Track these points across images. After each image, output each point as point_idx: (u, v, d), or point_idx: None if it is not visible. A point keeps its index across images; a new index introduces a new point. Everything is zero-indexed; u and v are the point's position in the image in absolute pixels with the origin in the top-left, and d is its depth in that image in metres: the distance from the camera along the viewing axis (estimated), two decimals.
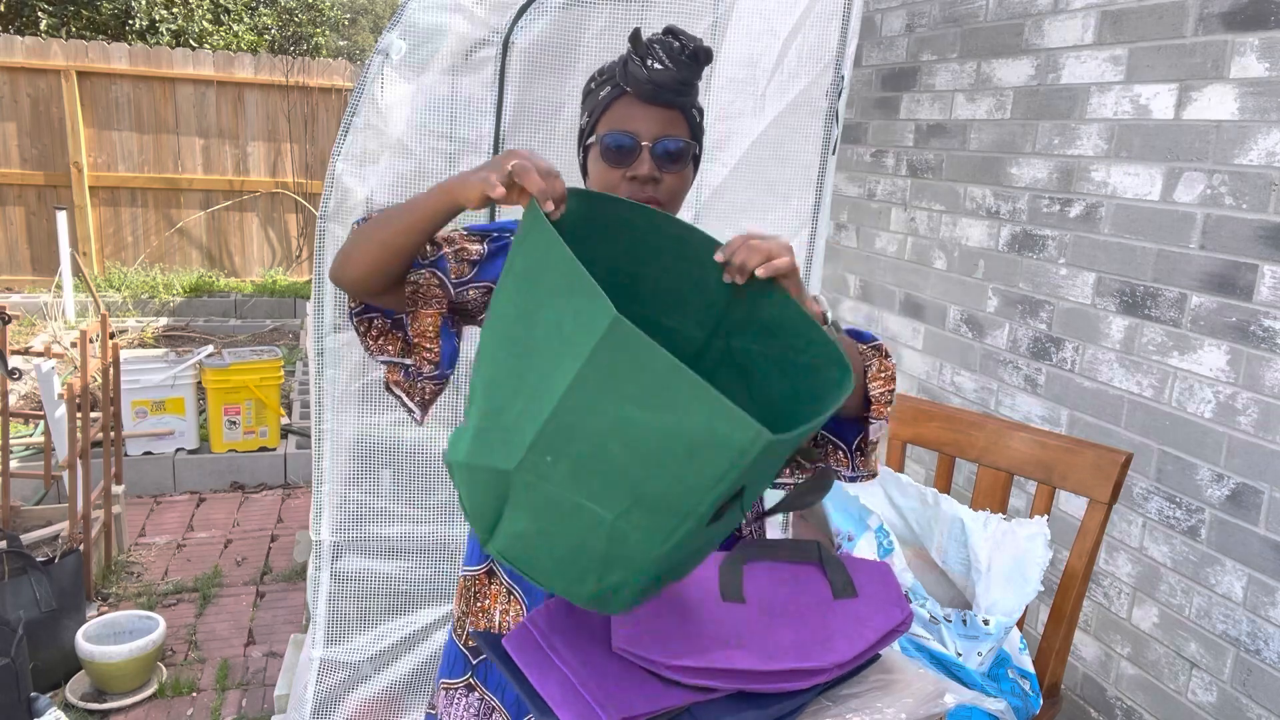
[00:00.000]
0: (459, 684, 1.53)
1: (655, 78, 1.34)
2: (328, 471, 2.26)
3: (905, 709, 1.25)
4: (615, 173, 1.39)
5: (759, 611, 1.29)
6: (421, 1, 2.11)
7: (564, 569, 1.08)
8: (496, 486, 1.08)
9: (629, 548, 1.04)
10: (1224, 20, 2.18)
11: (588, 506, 1.03)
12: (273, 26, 9.75)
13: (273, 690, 2.71)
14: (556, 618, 1.28)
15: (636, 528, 1.03)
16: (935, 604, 1.80)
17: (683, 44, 1.34)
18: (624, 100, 1.38)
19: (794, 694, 1.22)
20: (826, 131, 2.41)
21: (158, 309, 7.11)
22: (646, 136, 1.37)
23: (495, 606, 1.49)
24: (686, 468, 0.99)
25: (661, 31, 1.36)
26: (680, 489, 1.00)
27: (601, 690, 1.16)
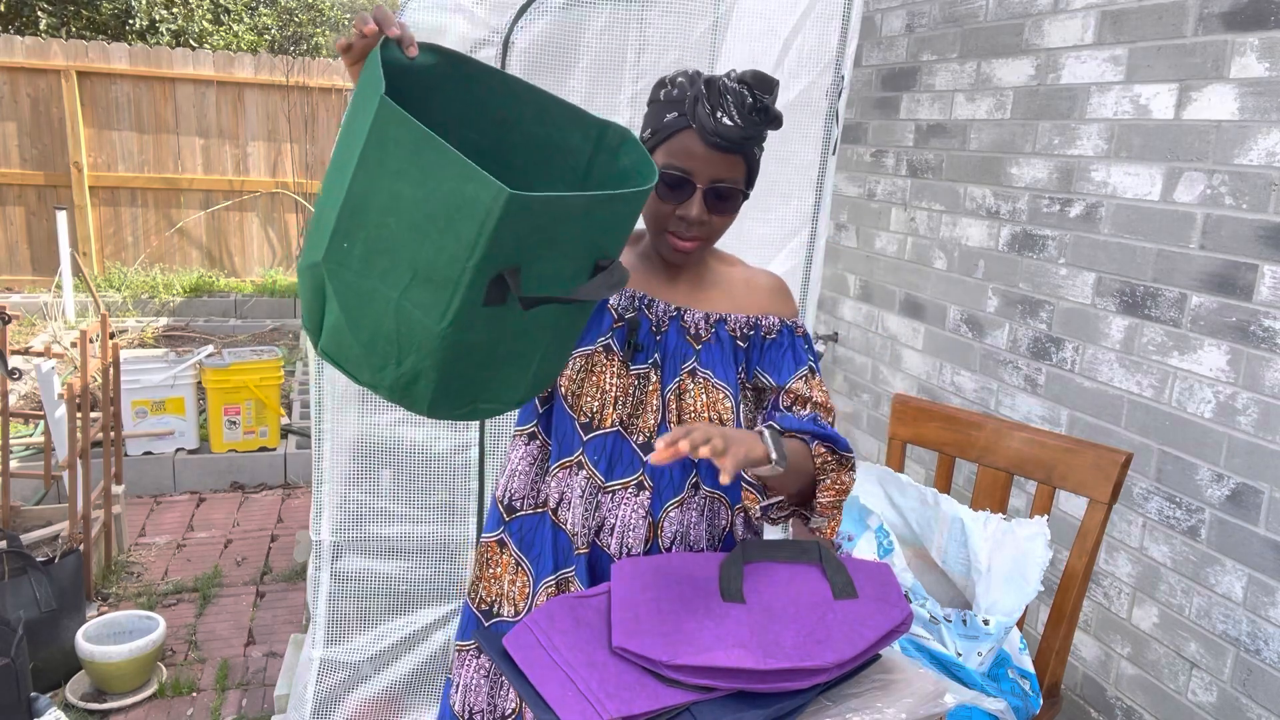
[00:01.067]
0: (470, 646, 1.59)
1: (722, 131, 1.34)
2: (328, 471, 2.26)
3: (906, 709, 1.25)
4: (666, 206, 1.42)
5: (759, 611, 1.29)
6: (421, 1, 2.11)
7: (369, 356, 1.15)
8: (315, 281, 1.17)
9: (414, 327, 1.10)
10: (1224, 20, 2.18)
11: (378, 288, 1.11)
12: (273, 26, 9.75)
13: (273, 690, 2.71)
14: (557, 618, 1.29)
15: (417, 304, 1.09)
16: (935, 604, 1.80)
17: (756, 100, 1.34)
18: (688, 134, 1.37)
19: (794, 693, 1.22)
20: (826, 131, 2.41)
21: (158, 309, 7.11)
22: (703, 178, 1.38)
23: (505, 575, 1.55)
24: (447, 235, 1.05)
25: (737, 79, 1.35)
26: (445, 258, 1.06)
27: (602, 689, 1.16)
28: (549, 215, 1.06)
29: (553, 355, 1.24)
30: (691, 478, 1.49)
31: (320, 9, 9.93)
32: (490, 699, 1.56)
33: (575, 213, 1.08)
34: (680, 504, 1.48)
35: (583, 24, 2.20)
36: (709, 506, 1.52)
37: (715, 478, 1.50)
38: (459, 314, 1.08)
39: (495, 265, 1.06)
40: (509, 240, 1.05)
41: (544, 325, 1.17)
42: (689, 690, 1.18)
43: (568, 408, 1.48)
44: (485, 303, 1.08)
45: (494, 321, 1.11)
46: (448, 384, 1.15)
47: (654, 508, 1.47)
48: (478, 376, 1.17)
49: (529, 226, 1.05)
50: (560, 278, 1.13)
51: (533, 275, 1.10)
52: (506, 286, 1.08)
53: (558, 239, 1.09)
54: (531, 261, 1.09)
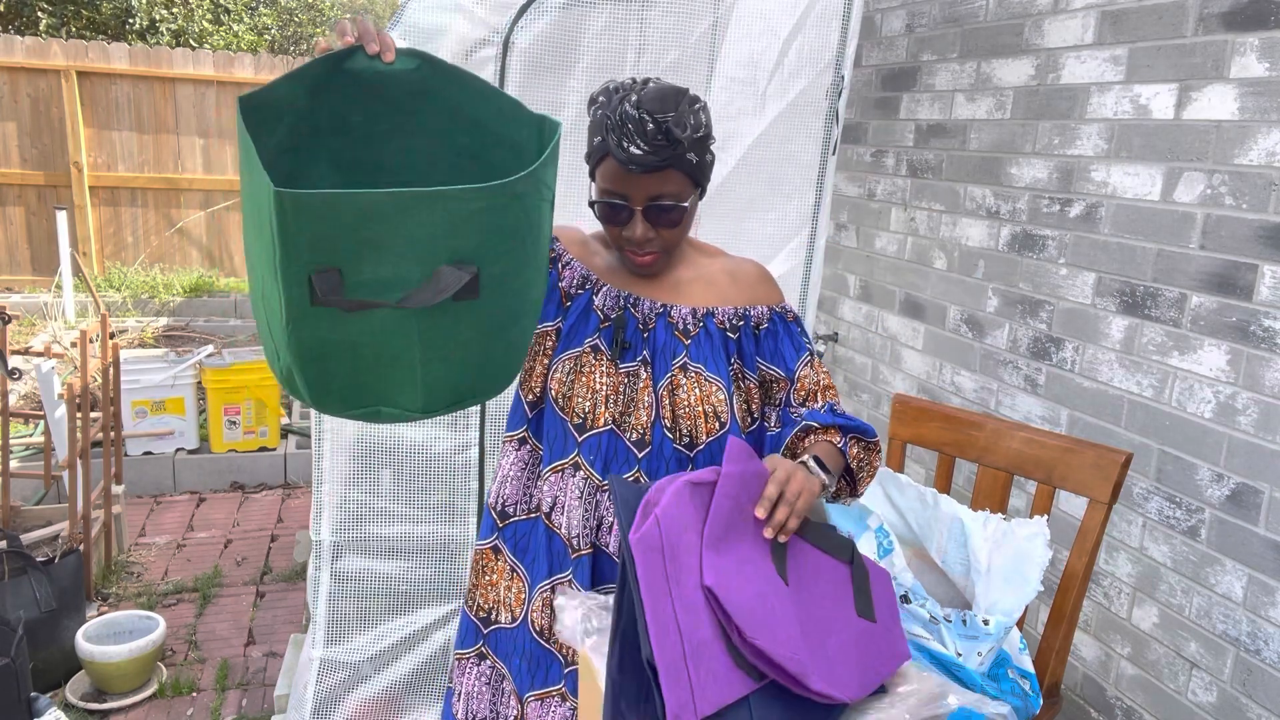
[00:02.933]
0: (470, 653, 1.59)
1: (633, 159, 1.33)
2: (328, 471, 2.26)
3: (909, 709, 1.25)
4: (613, 229, 1.43)
5: (801, 603, 1.26)
6: (421, 1, 2.11)
7: (266, 350, 1.20)
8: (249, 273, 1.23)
9: (274, 323, 1.13)
10: (1224, 20, 2.18)
11: (255, 283, 1.16)
12: (273, 26, 9.75)
13: (273, 690, 2.71)
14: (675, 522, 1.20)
15: (269, 299, 1.11)
16: (935, 604, 1.79)
17: (656, 124, 1.32)
18: (611, 160, 1.37)
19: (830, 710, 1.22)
20: (826, 131, 2.41)
21: (158, 309, 7.11)
22: (638, 199, 1.38)
23: (501, 581, 1.56)
24: (262, 230, 1.07)
25: (635, 104, 1.33)
26: (267, 253, 1.07)
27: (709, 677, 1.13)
28: (351, 215, 1.03)
29: (445, 361, 1.17)
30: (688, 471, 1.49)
31: (320, 9, 9.93)
32: (493, 705, 1.55)
33: (382, 212, 1.04)
34: None
35: (583, 24, 2.20)
36: None
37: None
38: (289, 312, 1.08)
39: (302, 264, 1.05)
40: (302, 238, 1.03)
41: (404, 329, 1.11)
42: (747, 672, 1.17)
43: (559, 410, 1.47)
44: (312, 303, 1.07)
45: (335, 322, 1.09)
46: (324, 382, 1.14)
47: None
48: (357, 379, 1.15)
49: (327, 225, 1.03)
50: (407, 282, 1.08)
51: (365, 278, 1.07)
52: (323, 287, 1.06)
53: (383, 241, 1.05)
54: (357, 264, 1.06)
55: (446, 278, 1.09)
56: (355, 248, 1.05)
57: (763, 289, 1.56)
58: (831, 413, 1.49)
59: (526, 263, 1.18)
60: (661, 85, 1.35)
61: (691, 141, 1.35)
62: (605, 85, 1.40)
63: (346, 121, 1.25)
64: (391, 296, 1.08)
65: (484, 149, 1.30)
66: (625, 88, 1.37)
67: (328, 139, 1.26)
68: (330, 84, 1.21)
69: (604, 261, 1.54)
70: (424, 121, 1.27)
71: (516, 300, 1.19)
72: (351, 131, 1.27)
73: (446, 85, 1.25)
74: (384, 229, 1.05)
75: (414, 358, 1.14)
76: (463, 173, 1.31)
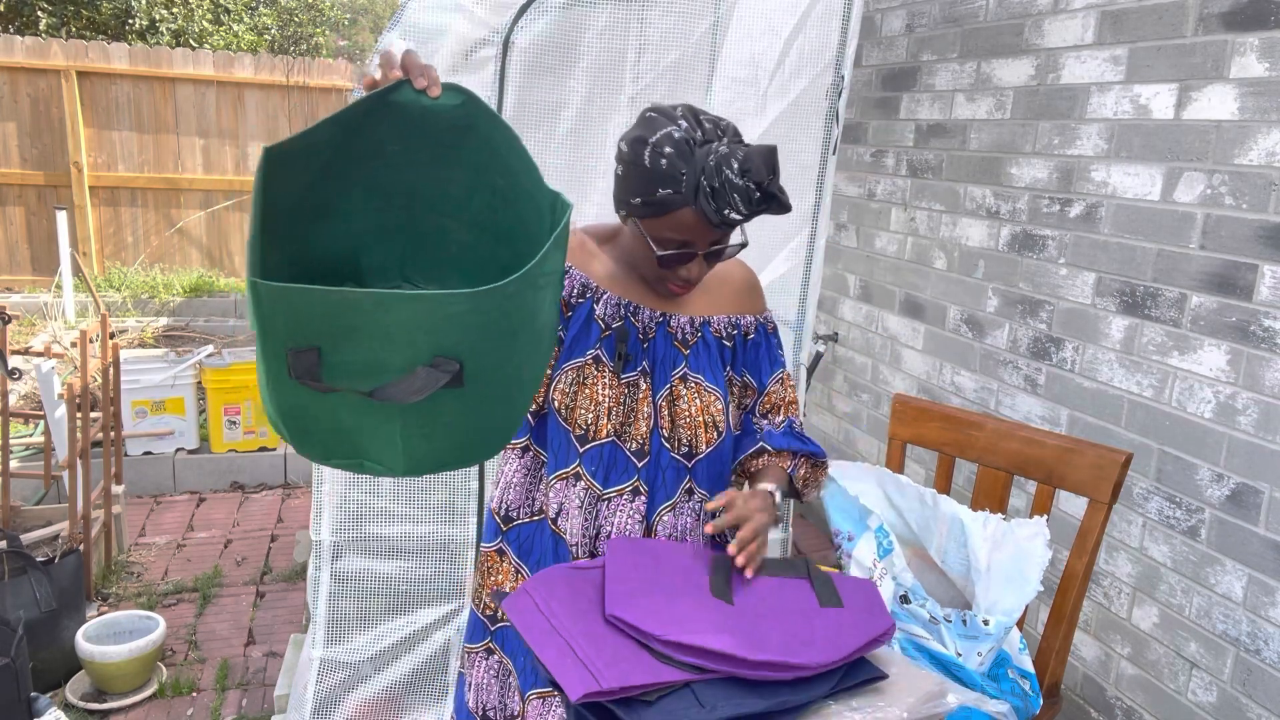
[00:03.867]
0: (479, 648, 1.61)
1: (730, 221, 1.34)
2: (328, 471, 2.26)
3: (907, 707, 1.25)
4: (669, 269, 1.43)
5: (747, 611, 1.31)
6: (421, 1, 2.11)
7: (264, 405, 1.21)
8: None
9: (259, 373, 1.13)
10: (1224, 20, 2.18)
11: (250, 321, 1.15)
12: (273, 26, 9.75)
13: (273, 690, 2.71)
14: (555, 586, 1.31)
15: (257, 357, 1.12)
16: (935, 604, 1.79)
17: (764, 194, 1.33)
18: (688, 212, 1.35)
19: (795, 688, 1.23)
20: (826, 131, 2.41)
21: (158, 309, 7.11)
22: (703, 245, 1.40)
23: (506, 582, 1.57)
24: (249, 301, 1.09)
25: (740, 171, 1.32)
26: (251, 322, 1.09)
27: (600, 658, 1.18)
28: (327, 307, 1.02)
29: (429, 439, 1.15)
30: (685, 483, 1.50)
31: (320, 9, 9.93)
32: (501, 698, 1.57)
33: (360, 308, 1.02)
34: (673, 508, 1.50)
35: (583, 24, 2.20)
36: (701, 509, 1.53)
37: (709, 482, 1.54)
38: (268, 379, 1.10)
39: (279, 342, 1.05)
40: (277, 321, 1.04)
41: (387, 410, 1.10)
42: (683, 669, 1.20)
43: (562, 421, 1.48)
44: (290, 376, 1.07)
45: (313, 394, 1.09)
46: (304, 436, 1.15)
47: (648, 512, 1.49)
48: (338, 436, 1.14)
49: (303, 313, 1.02)
50: (387, 368, 1.06)
51: (344, 359, 1.05)
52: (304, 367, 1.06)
53: (361, 330, 1.03)
54: (335, 346, 1.05)
55: (422, 379, 1.06)
56: (333, 333, 1.04)
57: (749, 298, 1.60)
58: (790, 431, 1.59)
59: (520, 350, 1.15)
60: (761, 149, 1.33)
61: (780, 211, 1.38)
62: (666, 133, 1.34)
63: (383, 148, 1.23)
64: (371, 381, 1.06)
65: (514, 198, 1.28)
66: (716, 151, 1.33)
67: (363, 164, 1.24)
68: (372, 113, 1.19)
69: (603, 266, 1.53)
70: (463, 156, 1.25)
71: (508, 385, 1.16)
72: (388, 158, 1.24)
73: (488, 125, 1.23)
74: (362, 320, 1.03)
75: (394, 432, 1.13)
76: (495, 213, 1.29)
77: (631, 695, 1.17)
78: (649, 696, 1.17)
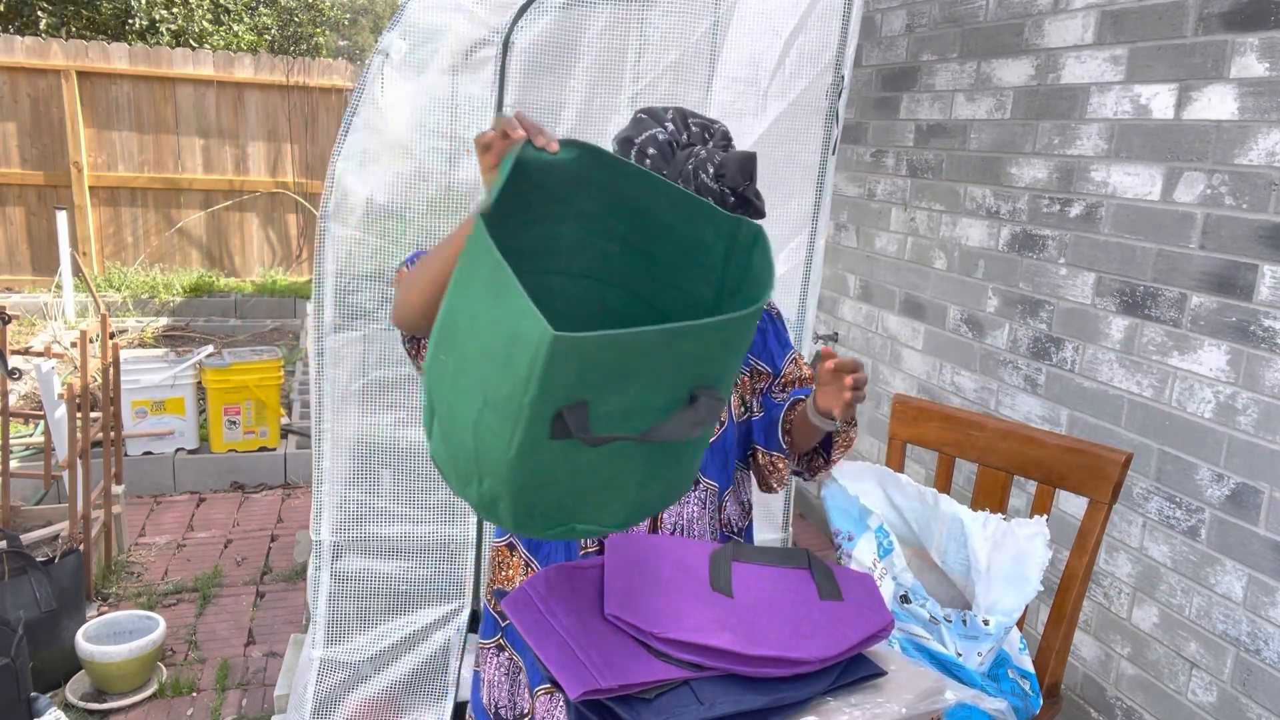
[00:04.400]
0: (491, 644, 1.63)
1: None
2: (328, 471, 2.26)
3: (905, 704, 1.26)
4: None
5: (746, 605, 1.31)
6: (421, 1, 2.11)
7: (457, 469, 1.13)
8: (424, 389, 1.17)
9: (487, 450, 1.07)
10: (1224, 20, 2.18)
11: (461, 405, 1.09)
12: (273, 26, 9.75)
13: (273, 690, 2.71)
14: (556, 585, 1.32)
15: (489, 429, 1.06)
16: (935, 604, 1.80)
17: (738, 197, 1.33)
18: None
19: (794, 685, 1.23)
20: (827, 131, 2.41)
21: (158, 309, 7.11)
22: None
23: (517, 576, 1.59)
24: (509, 365, 1.01)
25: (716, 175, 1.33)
26: (507, 387, 1.02)
27: (600, 657, 1.18)
28: (616, 351, 0.99)
29: (661, 480, 1.16)
30: None
31: (320, 9, 9.93)
32: (510, 695, 1.58)
33: (650, 347, 1.01)
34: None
35: (583, 24, 2.20)
36: (707, 499, 1.54)
37: (714, 471, 1.56)
38: (523, 445, 1.04)
39: (554, 403, 1.01)
40: (565, 379, 0.99)
41: (632, 455, 1.10)
42: (681, 666, 1.21)
43: None
44: (551, 437, 1.03)
45: (568, 453, 1.06)
46: (530, 508, 1.11)
47: None
48: (565, 502, 1.12)
49: (591, 364, 1.00)
50: (648, 409, 1.06)
51: (609, 409, 1.04)
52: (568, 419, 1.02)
53: (633, 373, 1.02)
54: (604, 395, 1.03)
55: (704, 410, 1.07)
56: (606, 381, 1.02)
57: None
58: None
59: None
60: (738, 155, 1.33)
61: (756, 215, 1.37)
62: (651, 134, 1.35)
63: (500, 209, 1.21)
64: (632, 425, 1.05)
65: (648, 239, 1.28)
66: (695, 155, 1.33)
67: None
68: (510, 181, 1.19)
69: None
70: (576, 206, 1.25)
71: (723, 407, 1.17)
72: (506, 219, 1.24)
73: (606, 174, 1.23)
74: (642, 362, 1.02)
75: (634, 481, 1.13)
76: (610, 259, 1.29)
77: (631, 693, 1.17)
78: (648, 694, 1.18)
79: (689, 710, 1.16)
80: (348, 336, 2.21)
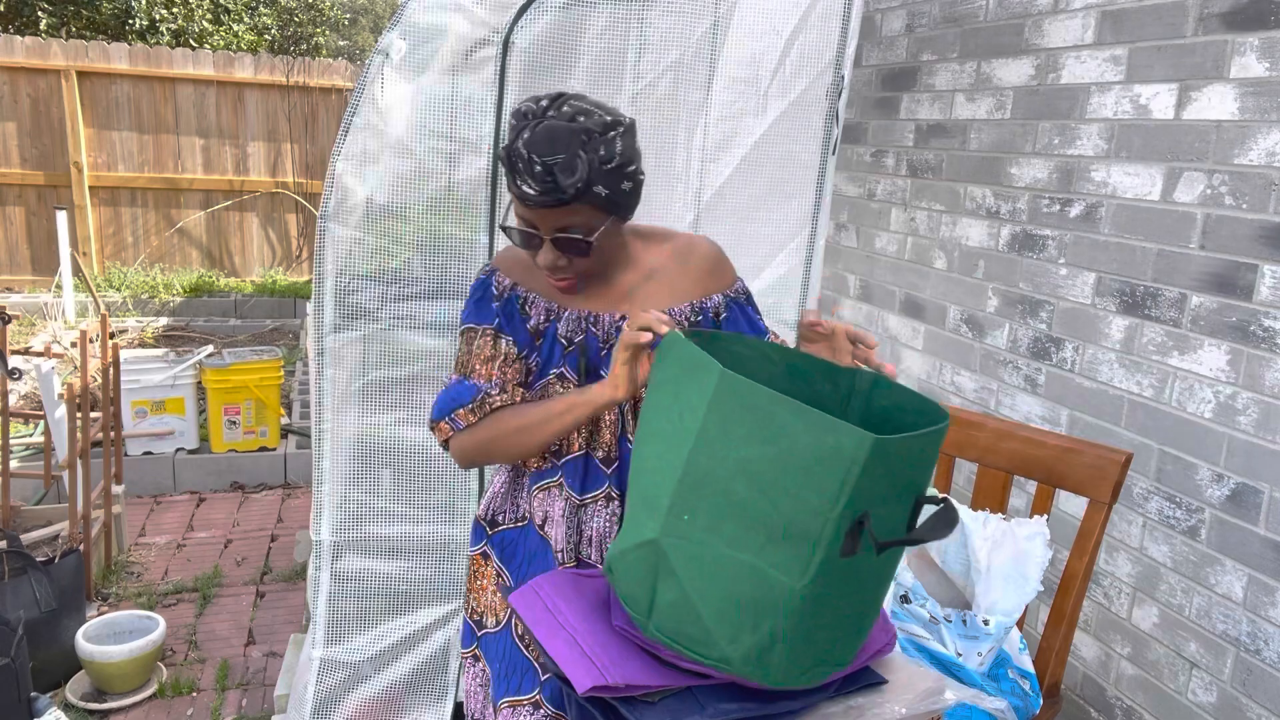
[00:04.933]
0: (469, 654, 1.63)
1: (527, 198, 1.33)
2: (328, 471, 2.26)
3: (906, 704, 1.26)
4: (529, 254, 1.44)
5: None
6: (421, 1, 2.11)
7: (720, 626, 1.14)
8: (646, 560, 1.18)
9: (772, 587, 1.10)
10: (1224, 20, 2.18)
11: (728, 554, 1.11)
12: (273, 26, 9.75)
13: (273, 690, 2.71)
14: (562, 588, 1.32)
15: (774, 565, 1.09)
16: (935, 604, 1.80)
17: (545, 165, 1.30)
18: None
19: (797, 693, 1.23)
20: (827, 131, 2.41)
21: (158, 309, 7.11)
22: (546, 230, 1.37)
23: (489, 587, 1.59)
24: (806, 488, 1.06)
25: (527, 144, 1.31)
26: (805, 512, 1.07)
27: (607, 656, 1.19)
28: (899, 456, 1.08)
29: (877, 605, 1.24)
30: None
31: (320, 9, 9.93)
32: (483, 707, 1.58)
33: (913, 452, 1.10)
34: None
35: (583, 24, 2.20)
36: None
37: None
38: (821, 568, 1.09)
39: (854, 513, 1.08)
40: (867, 486, 1.07)
41: (877, 575, 1.18)
42: (686, 675, 1.21)
43: None
44: (842, 554, 1.09)
45: (848, 574, 1.12)
46: (800, 648, 1.15)
47: (623, 515, 1.49)
48: (824, 637, 1.17)
49: (883, 470, 1.07)
50: (893, 521, 1.13)
51: (880, 516, 1.11)
52: (859, 535, 1.09)
53: (895, 481, 1.10)
54: (877, 506, 1.10)
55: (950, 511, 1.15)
56: (884, 490, 1.10)
57: (713, 278, 1.56)
58: None
59: None
60: (553, 125, 1.30)
61: (599, 175, 1.32)
62: (520, 106, 1.36)
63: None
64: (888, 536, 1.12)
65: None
66: (527, 117, 1.33)
67: None
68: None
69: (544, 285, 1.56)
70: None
71: None
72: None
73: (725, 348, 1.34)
74: (902, 468, 1.11)
75: (872, 605, 1.20)
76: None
77: (635, 695, 1.17)
78: (651, 697, 1.18)
79: (692, 714, 1.16)
80: (348, 336, 2.21)
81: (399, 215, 2.19)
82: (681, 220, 2.39)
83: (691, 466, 1.13)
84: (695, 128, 2.36)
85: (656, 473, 1.17)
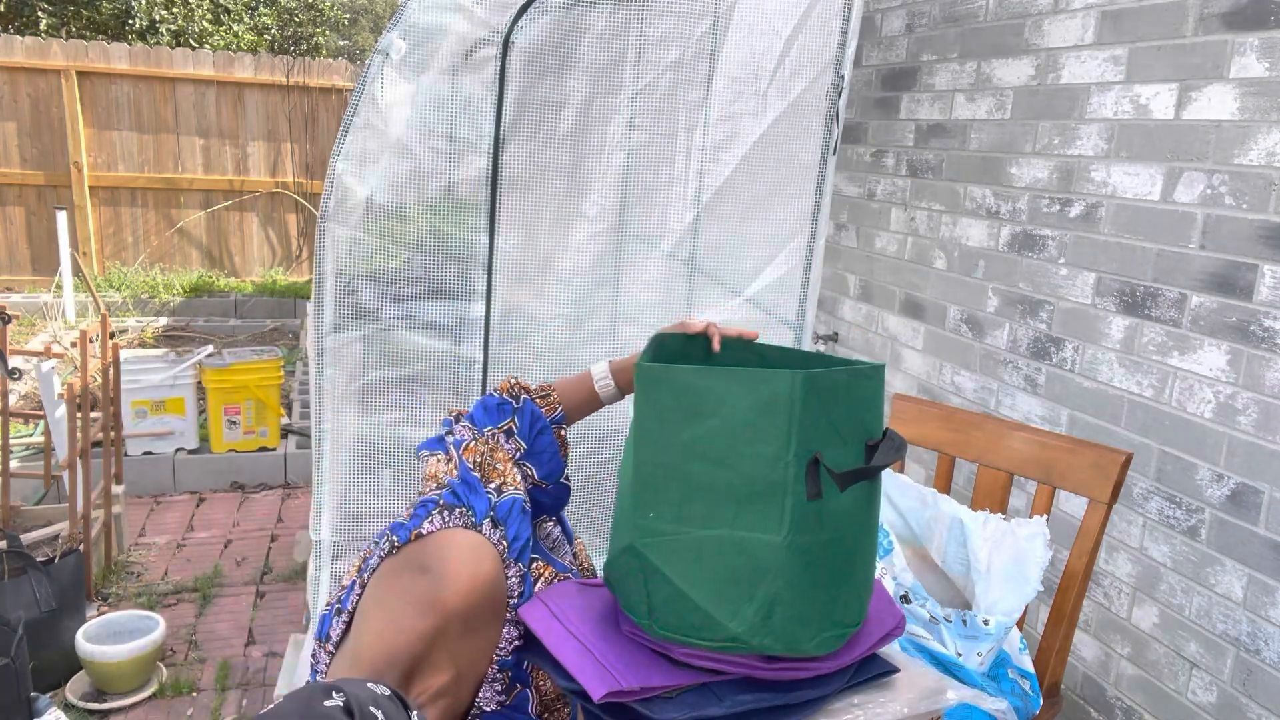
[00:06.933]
0: None
1: None
2: (327, 471, 2.26)
3: (907, 703, 1.26)
4: None
5: None
6: (421, 1, 2.11)
7: (720, 606, 1.16)
8: (630, 567, 1.21)
9: (756, 551, 1.13)
10: (1224, 20, 2.18)
11: (704, 534, 1.14)
12: (273, 26, 9.75)
13: (273, 690, 2.71)
14: (569, 596, 1.32)
15: (751, 527, 1.13)
16: (935, 604, 1.80)
17: None
18: None
19: (812, 684, 1.23)
20: (827, 131, 2.41)
21: (158, 309, 7.11)
22: None
23: None
24: (757, 442, 1.11)
25: None
26: (763, 465, 1.11)
27: (620, 661, 1.19)
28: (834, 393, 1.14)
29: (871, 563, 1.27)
30: None
31: (320, 9, 9.93)
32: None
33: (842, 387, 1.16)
34: None
35: (583, 24, 2.20)
36: None
37: None
38: (794, 516, 1.13)
39: (807, 453, 1.12)
40: (811, 425, 1.12)
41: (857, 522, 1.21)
42: (700, 673, 1.21)
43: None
44: (808, 498, 1.13)
45: (823, 520, 1.15)
46: (802, 607, 1.17)
47: None
48: (823, 595, 1.19)
49: (821, 407, 1.12)
50: (849, 464, 1.17)
51: (832, 462, 1.15)
52: (818, 474, 1.13)
53: (836, 421, 1.15)
54: (830, 448, 1.14)
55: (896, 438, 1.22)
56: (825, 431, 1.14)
57: None
58: None
59: None
60: None
61: None
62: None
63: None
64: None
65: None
66: None
67: None
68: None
69: None
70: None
71: None
72: None
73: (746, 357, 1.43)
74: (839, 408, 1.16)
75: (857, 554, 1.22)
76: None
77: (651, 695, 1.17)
78: (669, 694, 1.18)
79: (710, 706, 1.16)
80: (348, 336, 2.21)
81: (399, 215, 2.19)
82: (682, 220, 2.39)
83: (641, 465, 1.17)
84: (695, 128, 2.36)
85: (620, 484, 1.22)
